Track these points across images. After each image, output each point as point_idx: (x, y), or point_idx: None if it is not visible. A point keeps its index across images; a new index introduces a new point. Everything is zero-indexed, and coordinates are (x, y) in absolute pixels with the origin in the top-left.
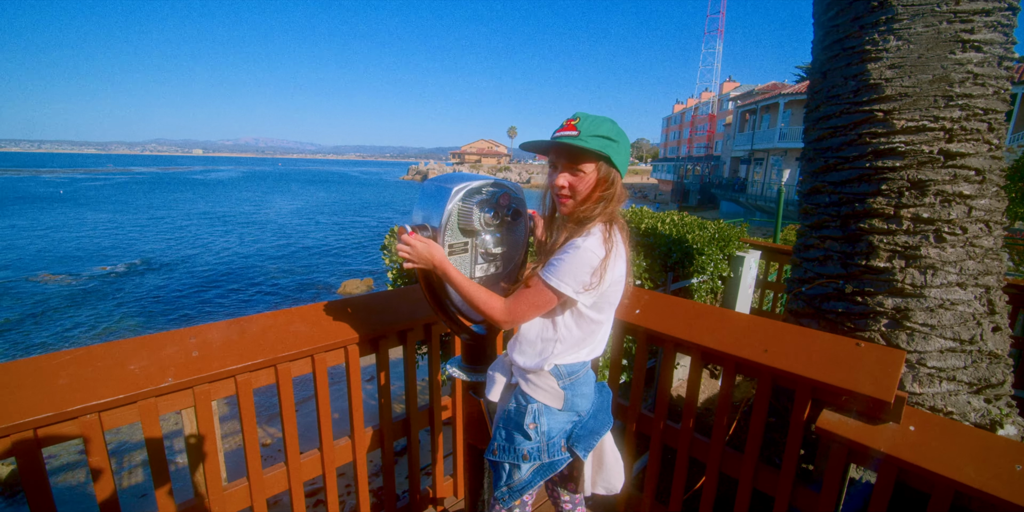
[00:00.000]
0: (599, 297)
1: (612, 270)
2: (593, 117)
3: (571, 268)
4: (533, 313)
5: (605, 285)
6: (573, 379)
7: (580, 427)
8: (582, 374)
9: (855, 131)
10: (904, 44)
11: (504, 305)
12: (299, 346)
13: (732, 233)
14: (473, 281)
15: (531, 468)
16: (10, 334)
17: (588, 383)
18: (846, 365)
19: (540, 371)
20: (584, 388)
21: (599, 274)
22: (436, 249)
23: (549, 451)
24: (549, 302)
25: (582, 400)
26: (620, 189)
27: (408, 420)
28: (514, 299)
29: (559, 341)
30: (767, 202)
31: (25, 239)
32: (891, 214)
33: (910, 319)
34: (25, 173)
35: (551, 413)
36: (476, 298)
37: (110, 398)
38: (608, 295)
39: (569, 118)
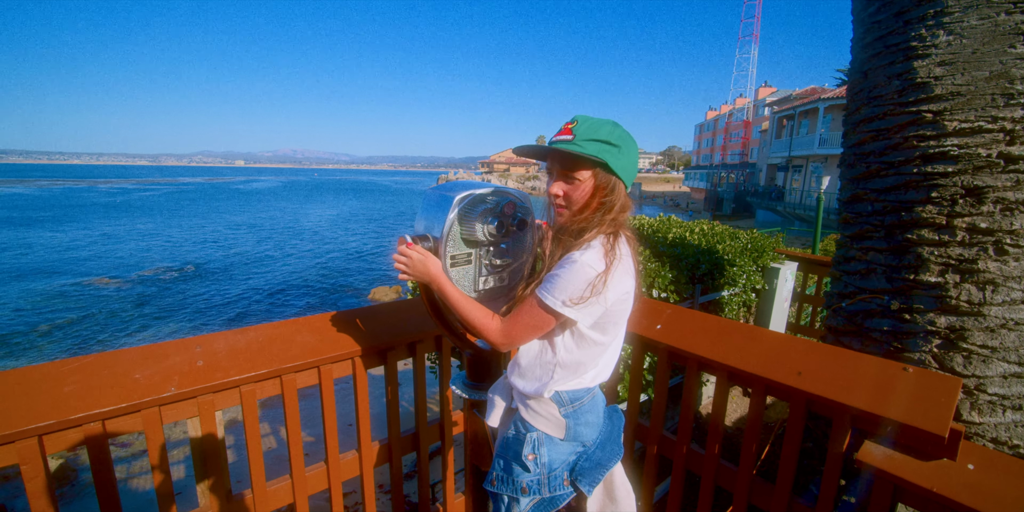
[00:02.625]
0: (601, 316)
1: (615, 287)
2: (592, 120)
3: (567, 285)
4: (530, 334)
5: (607, 303)
6: (576, 406)
7: (585, 459)
8: (587, 401)
9: (900, 134)
10: (956, 39)
11: (500, 326)
12: (305, 357)
13: (766, 243)
14: (470, 298)
15: (531, 502)
16: (65, 334)
17: (594, 411)
18: (892, 392)
19: (540, 397)
20: (589, 416)
21: (599, 291)
22: (432, 262)
23: (550, 485)
24: (546, 323)
25: (587, 429)
26: (623, 198)
27: (417, 435)
28: (510, 320)
29: (559, 365)
30: (806, 211)
31: (82, 245)
32: (943, 224)
33: (967, 340)
34: (84, 184)
35: (552, 443)
36: (472, 317)
37: (113, 406)
38: (612, 314)
39: (567, 121)
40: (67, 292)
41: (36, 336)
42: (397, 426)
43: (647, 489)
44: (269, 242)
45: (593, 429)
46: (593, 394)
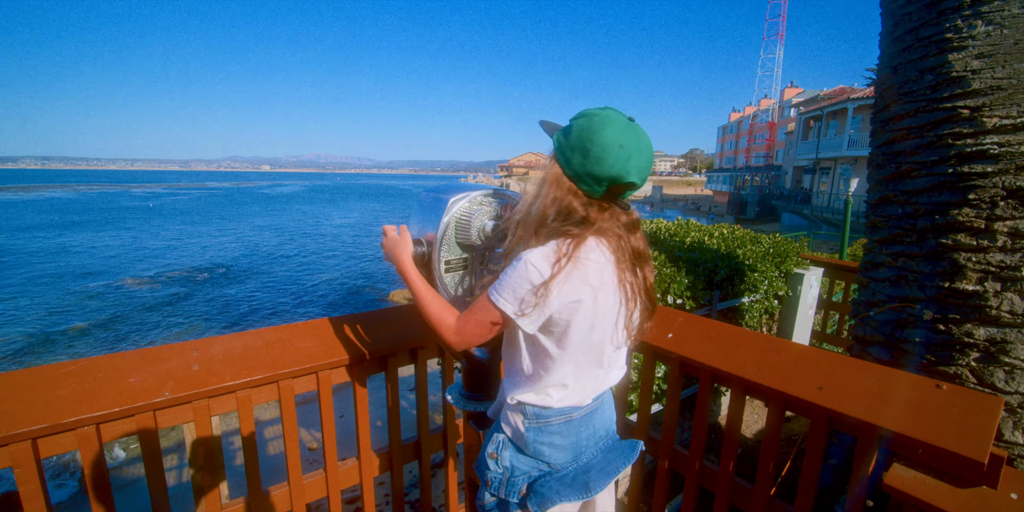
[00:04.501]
0: (549, 323)
1: (559, 292)
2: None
3: (511, 282)
4: (481, 332)
5: (549, 309)
6: (540, 424)
7: (549, 480)
8: (556, 422)
9: (934, 132)
10: (996, 29)
11: (454, 323)
12: (303, 362)
13: (790, 248)
14: (433, 290)
15: (492, 498)
16: (98, 333)
17: (566, 434)
18: (924, 411)
19: (511, 403)
20: (555, 438)
21: (542, 294)
22: (401, 245)
23: (507, 489)
24: (494, 320)
25: (552, 451)
26: (565, 197)
27: (419, 443)
28: (463, 316)
29: (522, 374)
30: (834, 214)
31: (116, 247)
32: (982, 228)
33: (1009, 353)
34: (119, 188)
35: (514, 451)
36: (431, 310)
37: (106, 411)
38: (562, 324)
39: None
40: (101, 293)
41: (72, 335)
42: (398, 434)
43: (658, 506)
44: (293, 245)
45: (562, 453)
46: (568, 418)
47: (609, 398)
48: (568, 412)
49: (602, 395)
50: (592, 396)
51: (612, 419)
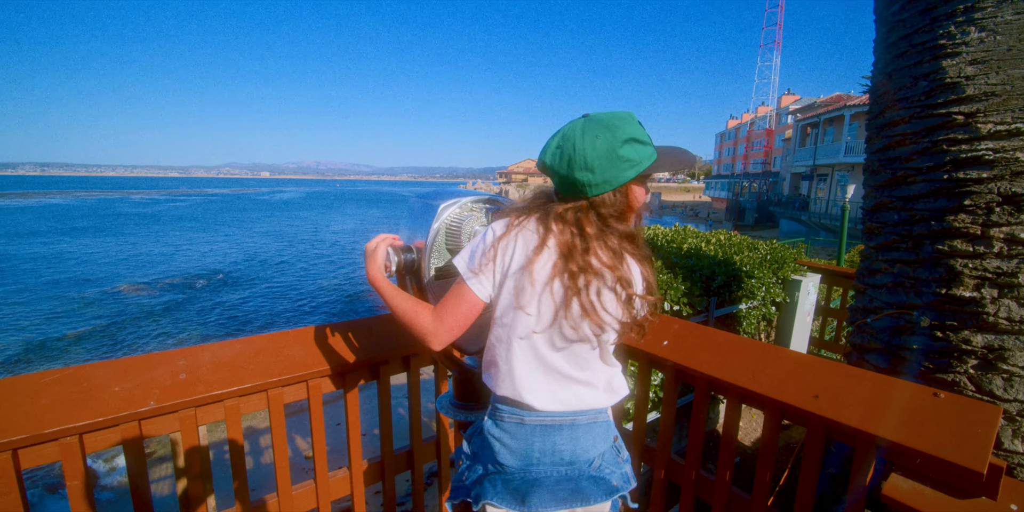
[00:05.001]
0: (500, 288)
1: (506, 252)
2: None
3: (473, 249)
4: (456, 316)
5: (501, 267)
6: (496, 417)
7: (496, 477)
8: (506, 419)
9: (929, 138)
10: (989, 35)
11: (432, 312)
12: (293, 371)
13: (787, 254)
14: (403, 292)
15: (457, 482)
16: (95, 340)
17: (516, 436)
18: (921, 420)
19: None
20: (505, 437)
21: (491, 253)
22: (369, 259)
23: (467, 474)
24: (466, 298)
25: (503, 450)
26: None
27: (412, 453)
28: (439, 302)
29: (487, 359)
30: (832, 220)
31: (113, 253)
32: (978, 234)
33: (1007, 360)
34: (118, 194)
35: (483, 440)
36: (404, 308)
37: (89, 421)
38: (507, 293)
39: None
40: (99, 299)
41: (68, 342)
42: (390, 443)
43: None
44: (293, 251)
45: (511, 456)
46: (519, 420)
47: (593, 429)
48: (519, 413)
49: (577, 416)
50: (552, 406)
51: (592, 453)
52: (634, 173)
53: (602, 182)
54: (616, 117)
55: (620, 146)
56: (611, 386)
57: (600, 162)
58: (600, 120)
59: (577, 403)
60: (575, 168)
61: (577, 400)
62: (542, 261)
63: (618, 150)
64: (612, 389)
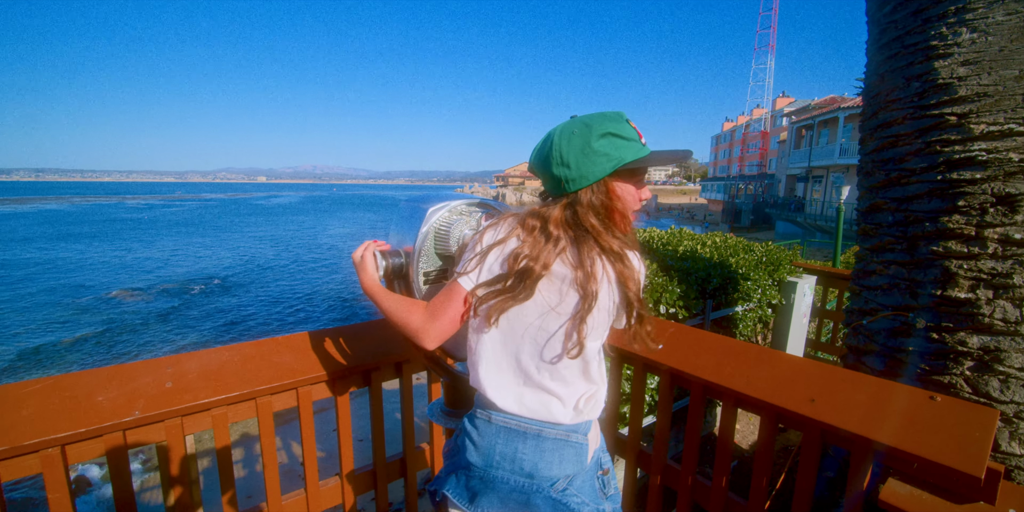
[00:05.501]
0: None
1: (491, 249)
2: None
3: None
4: (449, 313)
5: (484, 267)
6: (471, 414)
7: (463, 471)
8: (477, 415)
9: (922, 139)
10: (980, 36)
11: (424, 308)
12: (282, 378)
13: (783, 256)
14: (394, 294)
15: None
16: (90, 347)
17: (483, 434)
18: (918, 424)
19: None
20: (474, 433)
21: (480, 252)
22: (359, 267)
23: (450, 460)
24: (456, 294)
25: (470, 446)
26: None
27: (404, 460)
28: (432, 301)
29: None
30: (827, 222)
31: (108, 259)
32: (972, 235)
33: (1003, 362)
34: (114, 199)
35: (460, 437)
36: (396, 308)
37: (71, 431)
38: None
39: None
40: (94, 306)
41: (62, 348)
42: (383, 451)
43: None
44: (290, 255)
45: (476, 453)
46: (487, 418)
47: (562, 448)
48: (487, 410)
49: (544, 428)
50: (515, 409)
51: (556, 472)
52: (611, 167)
53: (579, 177)
54: (599, 115)
55: (595, 140)
56: (578, 405)
57: (575, 156)
58: (582, 118)
59: (544, 413)
60: (552, 164)
61: (544, 410)
62: (511, 257)
63: (592, 144)
64: (578, 408)
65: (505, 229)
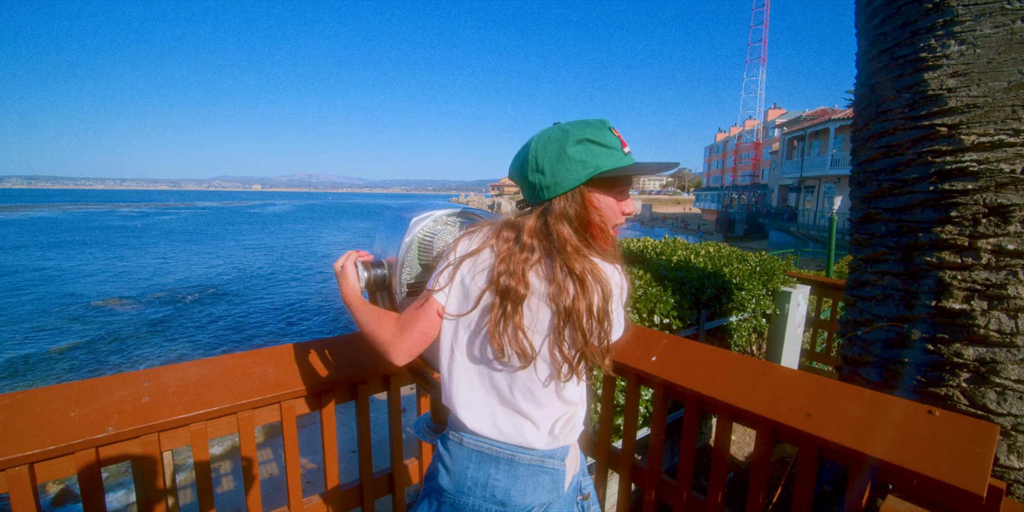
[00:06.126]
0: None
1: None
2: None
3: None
4: (420, 326)
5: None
6: (445, 435)
7: (434, 498)
8: (450, 436)
9: (913, 150)
10: (969, 49)
11: (396, 320)
12: (265, 392)
13: (776, 266)
14: (371, 305)
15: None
16: (78, 356)
17: (455, 457)
18: (916, 440)
19: None
20: (446, 457)
21: (454, 263)
22: (340, 279)
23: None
24: (428, 307)
25: (442, 469)
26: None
27: (392, 476)
28: (403, 314)
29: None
30: (820, 231)
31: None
32: (965, 245)
33: (999, 374)
34: (106, 207)
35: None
36: (368, 319)
37: (40, 449)
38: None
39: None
40: (85, 314)
41: (51, 358)
42: (369, 466)
43: None
44: (284, 264)
45: (447, 477)
46: (459, 440)
47: (536, 474)
48: (458, 432)
49: (517, 453)
50: (488, 432)
51: (530, 500)
52: (586, 174)
53: (553, 184)
54: (580, 122)
55: (571, 146)
56: (554, 429)
57: (550, 162)
58: (562, 125)
59: (517, 437)
60: (528, 170)
61: (518, 434)
62: (481, 270)
63: (567, 149)
64: (554, 434)
65: (479, 239)
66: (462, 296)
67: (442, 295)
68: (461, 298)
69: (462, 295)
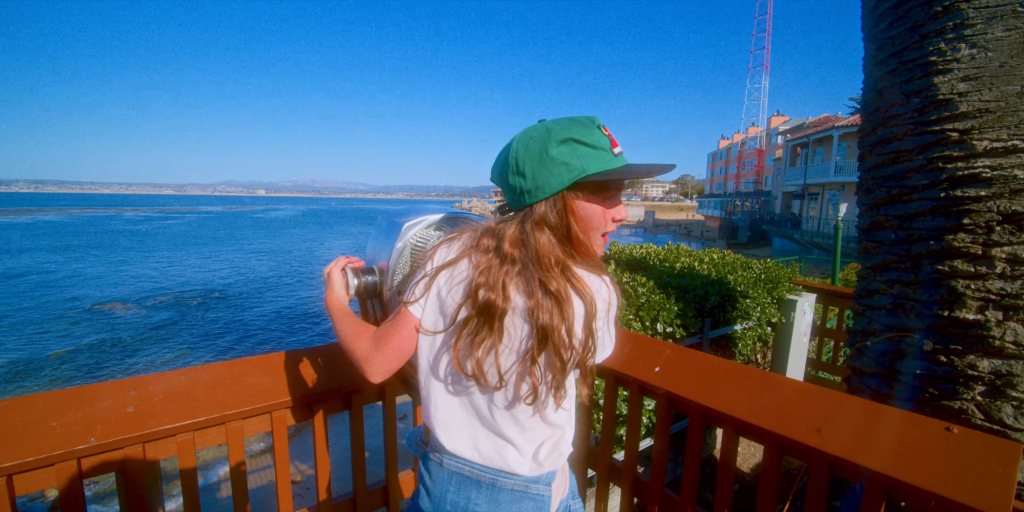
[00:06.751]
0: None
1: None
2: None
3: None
4: (396, 341)
5: (432, 292)
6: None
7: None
8: (430, 457)
9: (923, 155)
10: (980, 52)
11: (372, 336)
12: (254, 401)
13: (781, 273)
14: (354, 316)
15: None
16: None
17: (435, 477)
18: (934, 459)
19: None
20: (425, 478)
21: (430, 274)
22: (326, 286)
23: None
24: (405, 321)
25: (422, 491)
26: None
27: (387, 488)
28: (379, 328)
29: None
30: (824, 239)
31: (102, 271)
32: (979, 254)
33: (1016, 387)
34: (112, 211)
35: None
36: (344, 334)
37: (19, 461)
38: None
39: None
40: (87, 318)
41: (52, 361)
42: (363, 479)
43: None
44: (288, 268)
45: (425, 500)
46: (439, 460)
47: (520, 500)
48: (438, 453)
49: (499, 477)
50: (468, 454)
51: None
52: (570, 177)
53: (534, 188)
54: (566, 119)
55: (554, 146)
56: (538, 455)
57: (531, 164)
58: (546, 123)
59: (499, 461)
60: (508, 173)
61: (499, 458)
62: (458, 283)
63: (550, 150)
64: (538, 460)
65: (458, 248)
66: (438, 310)
67: (417, 308)
68: (437, 312)
69: (439, 309)
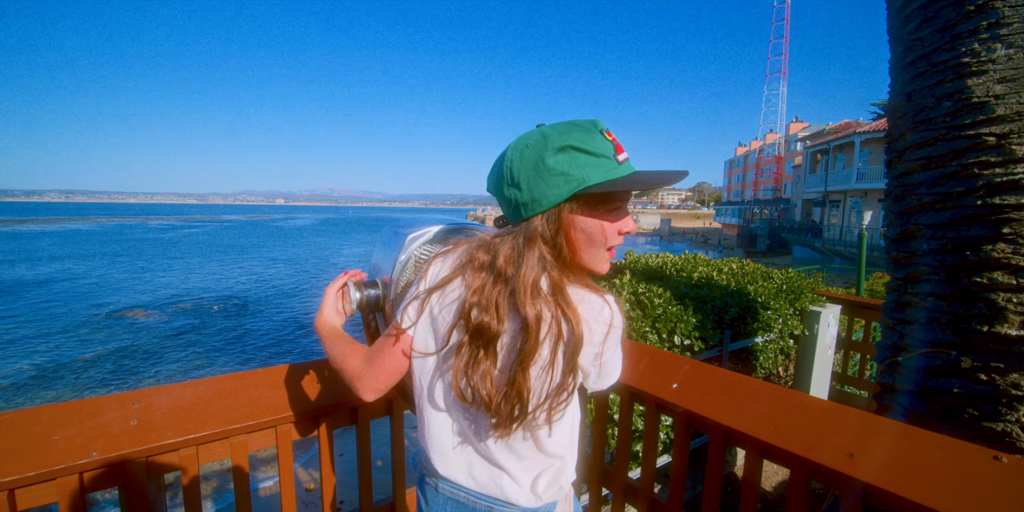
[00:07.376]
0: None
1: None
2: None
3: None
4: (389, 359)
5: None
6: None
7: None
8: (427, 480)
9: (957, 161)
10: (1017, 52)
11: (365, 354)
12: (259, 416)
13: (804, 284)
14: (345, 335)
15: None
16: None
17: (429, 502)
18: (981, 491)
19: None
20: (422, 502)
21: (424, 290)
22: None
23: None
24: (399, 338)
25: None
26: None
27: (394, 505)
28: (372, 346)
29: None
30: (847, 247)
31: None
32: (1020, 266)
33: None
34: (138, 220)
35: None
36: (335, 353)
37: (20, 475)
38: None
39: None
40: (111, 325)
41: (76, 367)
42: (370, 495)
43: None
44: (306, 276)
45: None
46: (435, 484)
47: None
48: (434, 477)
49: (495, 505)
50: (462, 480)
51: None
52: (569, 190)
53: (530, 201)
54: (565, 124)
55: (551, 155)
56: (536, 487)
57: (526, 175)
58: (544, 129)
59: (495, 490)
60: (503, 184)
61: (495, 486)
62: (450, 302)
63: (546, 159)
64: (537, 493)
65: (451, 264)
66: (431, 331)
67: (411, 329)
68: (430, 333)
69: (431, 330)
